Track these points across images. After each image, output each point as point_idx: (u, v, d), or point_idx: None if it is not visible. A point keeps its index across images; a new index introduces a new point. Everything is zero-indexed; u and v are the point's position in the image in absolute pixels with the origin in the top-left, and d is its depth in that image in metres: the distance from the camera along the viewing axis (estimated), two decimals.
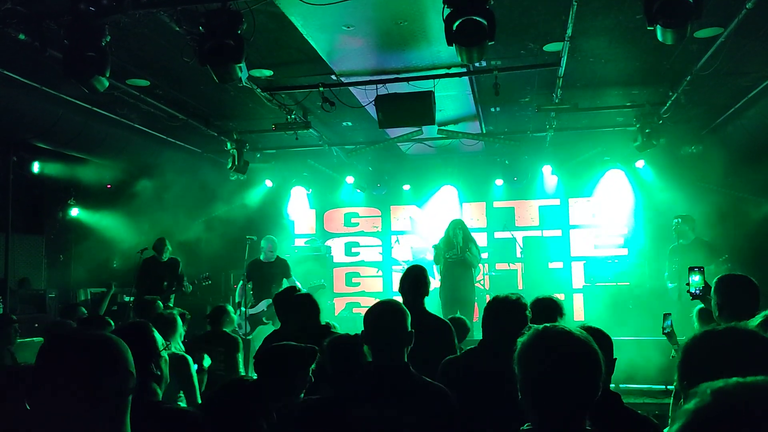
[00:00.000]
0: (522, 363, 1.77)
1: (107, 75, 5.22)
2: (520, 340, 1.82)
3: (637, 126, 8.66)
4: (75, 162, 9.17)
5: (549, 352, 1.74)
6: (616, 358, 2.71)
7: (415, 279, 4.30)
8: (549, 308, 3.97)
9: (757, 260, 7.64)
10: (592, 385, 1.71)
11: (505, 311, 3.17)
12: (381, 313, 2.77)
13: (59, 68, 5.22)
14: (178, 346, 4.52)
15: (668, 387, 6.47)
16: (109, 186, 10.49)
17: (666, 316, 4.12)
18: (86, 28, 5.04)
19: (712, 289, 3.46)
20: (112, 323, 4.87)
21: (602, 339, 2.53)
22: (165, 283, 8.61)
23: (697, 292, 3.94)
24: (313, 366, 3.08)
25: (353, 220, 12.29)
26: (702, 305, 4.10)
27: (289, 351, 3.10)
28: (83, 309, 5.69)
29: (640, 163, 10.10)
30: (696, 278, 3.95)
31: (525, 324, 3.16)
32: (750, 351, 1.66)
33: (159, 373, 2.34)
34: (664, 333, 4.12)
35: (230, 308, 5.69)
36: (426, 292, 4.31)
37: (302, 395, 3.04)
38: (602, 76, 7.20)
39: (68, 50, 5.08)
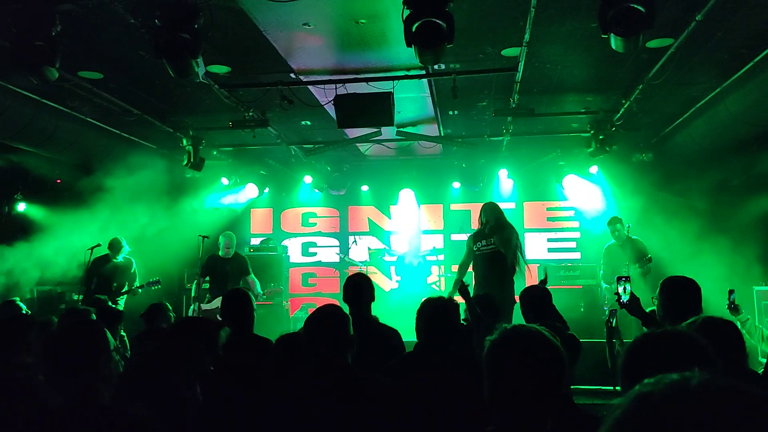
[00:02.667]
0: (490, 361, 1.78)
1: (57, 66, 5.07)
2: (489, 338, 1.83)
3: (591, 132, 8.85)
4: (23, 155, 8.85)
5: (517, 351, 1.76)
6: None
7: (355, 287, 4.26)
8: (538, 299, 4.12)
9: (702, 262, 7.86)
10: (556, 385, 1.74)
11: (437, 314, 3.24)
12: (321, 317, 2.85)
13: (6, 57, 5.05)
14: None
15: (617, 388, 6.60)
16: (59, 180, 10.18)
17: (612, 312, 4.24)
18: (35, 16, 4.88)
19: (657, 290, 3.57)
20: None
21: None
22: (115, 284, 8.40)
23: (625, 302, 3.98)
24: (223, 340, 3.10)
25: (311, 220, 12.22)
26: (653, 307, 4.20)
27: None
28: (19, 302, 5.51)
29: (593, 169, 10.32)
30: (627, 287, 4.02)
31: (457, 325, 3.22)
32: (684, 353, 1.71)
33: (107, 373, 2.29)
34: (606, 327, 4.26)
35: (167, 305, 5.62)
36: (370, 299, 4.26)
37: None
38: (558, 82, 7.33)
39: (16, 39, 4.92)
